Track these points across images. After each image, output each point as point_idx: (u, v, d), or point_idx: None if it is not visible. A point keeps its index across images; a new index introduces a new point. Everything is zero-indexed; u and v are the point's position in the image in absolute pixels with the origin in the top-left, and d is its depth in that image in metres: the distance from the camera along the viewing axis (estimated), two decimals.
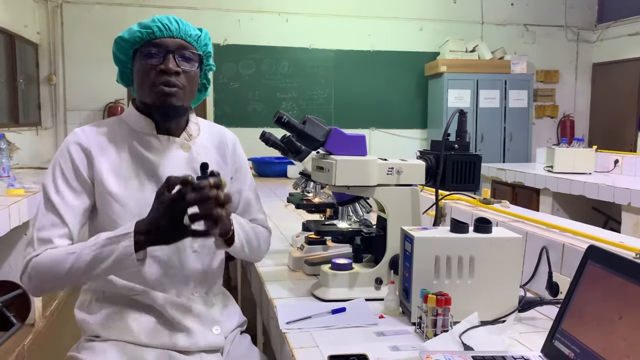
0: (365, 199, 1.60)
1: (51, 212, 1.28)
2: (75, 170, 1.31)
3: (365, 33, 6.94)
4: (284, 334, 1.24)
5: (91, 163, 1.31)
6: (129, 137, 1.36)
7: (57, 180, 1.30)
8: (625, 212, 3.67)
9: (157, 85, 1.29)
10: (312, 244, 1.75)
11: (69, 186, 1.30)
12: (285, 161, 4.23)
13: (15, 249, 3.14)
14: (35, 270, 1.24)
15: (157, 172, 1.35)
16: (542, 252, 1.52)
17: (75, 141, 1.33)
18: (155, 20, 1.31)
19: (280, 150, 1.83)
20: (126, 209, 1.31)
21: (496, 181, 5.16)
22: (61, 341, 3.00)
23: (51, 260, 1.23)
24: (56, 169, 1.31)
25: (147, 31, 1.30)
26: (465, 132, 1.57)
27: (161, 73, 1.29)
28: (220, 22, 6.44)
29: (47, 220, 1.27)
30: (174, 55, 1.31)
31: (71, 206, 1.29)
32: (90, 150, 1.32)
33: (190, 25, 1.35)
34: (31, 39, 5.92)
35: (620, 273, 0.97)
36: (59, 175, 1.30)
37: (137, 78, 1.34)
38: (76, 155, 1.31)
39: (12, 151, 4.28)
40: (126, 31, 1.32)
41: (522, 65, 6.86)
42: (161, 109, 1.33)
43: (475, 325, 1.22)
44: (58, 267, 1.21)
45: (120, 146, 1.35)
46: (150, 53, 1.30)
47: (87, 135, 1.35)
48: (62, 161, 1.31)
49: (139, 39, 1.31)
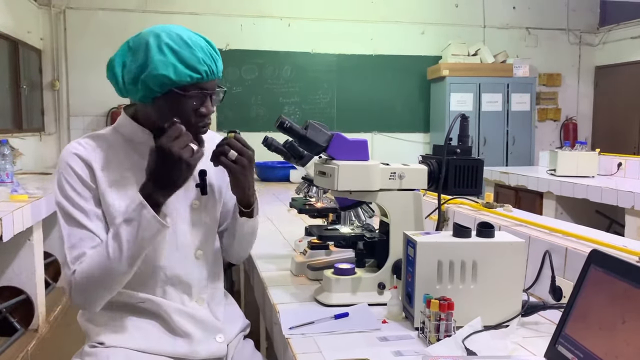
0: (367, 204, 1.60)
1: (76, 227, 1.27)
2: (82, 181, 1.29)
3: (368, 37, 6.94)
4: (287, 339, 1.24)
5: (93, 174, 1.30)
6: (127, 148, 1.35)
7: (70, 195, 1.28)
8: (629, 216, 3.66)
9: (194, 126, 1.31)
10: (314, 248, 1.75)
11: (82, 197, 1.28)
12: (287, 166, 4.24)
13: (19, 254, 3.15)
14: (79, 284, 1.24)
15: None
16: (545, 256, 1.52)
17: (75, 153, 1.31)
18: (202, 62, 1.27)
19: (283, 155, 1.84)
20: None
21: (499, 185, 5.15)
22: (65, 347, 3.00)
23: (90, 266, 1.23)
24: (64, 184, 1.29)
25: (197, 76, 1.27)
26: (467, 136, 1.57)
27: (200, 115, 1.31)
28: (223, 27, 6.45)
29: (75, 236, 1.26)
30: (211, 97, 1.32)
31: (92, 215, 1.28)
32: (91, 163, 1.30)
33: (219, 56, 1.34)
34: (34, 44, 5.94)
35: (623, 277, 0.97)
36: (69, 189, 1.29)
37: (169, 111, 1.28)
38: (77, 166, 1.30)
39: (16, 157, 4.30)
40: (169, 68, 1.25)
41: (524, 68, 6.85)
42: None
43: (479, 330, 1.22)
44: (99, 267, 1.23)
45: (120, 158, 1.34)
46: (193, 96, 1.29)
47: (84, 148, 1.32)
48: (66, 176, 1.29)
49: (185, 82, 1.26)
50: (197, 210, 1.41)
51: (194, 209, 1.41)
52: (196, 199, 1.41)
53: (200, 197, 1.41)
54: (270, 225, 2.54)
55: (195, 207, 1.41)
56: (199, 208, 1.42)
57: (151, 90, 1.27)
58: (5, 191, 3.18)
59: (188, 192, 1.39)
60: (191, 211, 1.40)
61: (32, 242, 3.15)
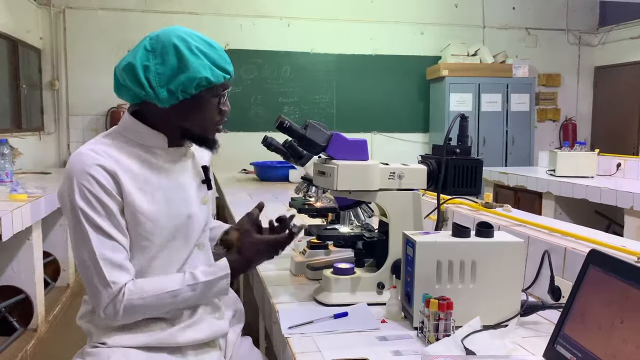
0: (367, 204, 1.60)
1: (105, 237, 1.24)
2: (107, 191, 1.25)
3: (367, 37, 6.95)
4: (286, 339, 1.24)
5: (119, 184, 1.26)
6: (141, 152, 1.33)
7: (94, 206, 1.24)
8: (628, 216, 3.67)
9: (218, 124, 1.38)
10: (314, 248, 1.75)
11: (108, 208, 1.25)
12: (287, 165, 4.23)
13: (18, 254, 3.15)
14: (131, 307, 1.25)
15: (177, 181, 1.36)
16: (544, 256, 1.52)
17: (96, 163, 1.25)
18: (228, 62, 1.33)
19: (282, 154, 1.84)
20: (157, 225, 1.30)
21: (498, 185, 5.16)
22: (64, 347, 3.01)
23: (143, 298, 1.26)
24: (87, 195, 1.24)
25: (227, 77, 1.33)
26: (466, 136, 1.57)
27: (222, 113, 1.37)
28: (222, 27, 6.45)
29: (106, 247, 1.24)
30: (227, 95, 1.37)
31: (119, 226, 1.26)
32: (115, 172, 1.26)
33: None
34: (34, 44, 5.94)
35: (621, 277, 0.97)
36: (93, 200, 1.24)
37: (196, 111, 1.32)
38: (101, 177, 1.25)
39: (15, 156, 4.30)
40: (208, 71, 1.27)
41: (524, 68, 6.85)
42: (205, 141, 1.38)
43: (478, 329, 1.22)
44: (154, 306, 1.27)
45: (138, 163, 1.32)
46: (220, 94, 1.34)
47: (103, 156, 1.28)
48: (88, 185, 1.24)
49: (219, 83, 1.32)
50: (206, 205, 1.45)
51: (203, 204, 1.43)
52: (205, 195, 1.44)
53: (206, 192, 1.45)
54: None
55: (204, 203, 1.44)
56: (206, 203, 1.45)
57: (185, 92, 1.28)
58: (5, 191, 3.18)
59: (200, 190, 1.42)
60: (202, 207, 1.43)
61: (32, 241, 3.15)
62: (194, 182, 1.41)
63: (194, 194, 1.39)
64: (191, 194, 1.38)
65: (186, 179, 1.39)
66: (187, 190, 1.38)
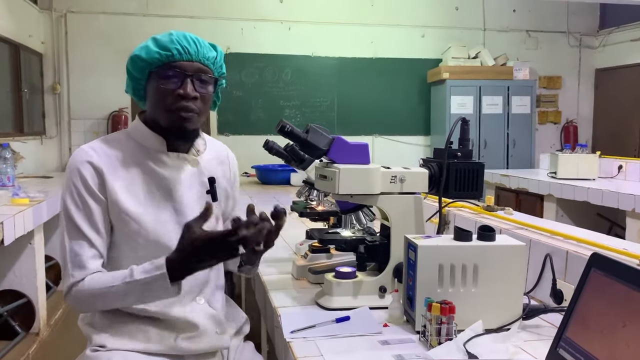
0: (368, 207, 1.60)
1: (77, 235, 1.28)
2: (89, 189, 1.29)
3: (368, 40, 6.96)
4: (288, 343, 1.24)
5: (103, 182, 1.29)
6: (139, 154, 1.35)
7: (76, 201, 1.29)
8: (630, 218, 3.66)
9: (174, 110, 1.29)
10: (315, 252, 1.75)
11: (87, 206, 1.28)
12: (288, 169, 4.24)
13: (20, 258, 3.15)
14: (77, 299, 1.28)
15: (170, 188, 1.35)
16: (546, 260, 1.52)
17: (86, 160, 1.30)
18: (174, 41, 1.28)
19: (284, 158, 1.84)
20: (142, 227, 1.31)
21: (500, 188, 5.15)
22: (66, 350, 3.00)
23: (91, 292, 1.26)
24: (72, 190, 1.29)
25: (167, 54, 1.27)
26: (467, 139, 1.57)
27: (179, 97, 1.28)
28: (223, 31, 6.46)
29: (76, 244, 1.28)
30: (192, 80, 1.29)
31: (95, 225, 1.29)
32: (102, 169, 1.30)
33: (207, 46, 1.34)
34: (36, 48, 5.95)
35: (624, 280, 0.97)
36: (76, 196, 1.29)
37: (152, 98, 1.33)
38: (87, 174, 1.29)
39: (17, 160, 4.30)
40: (142, 49, 1.29)
41: (524, 71, 6.86)
42: (177, 133, 1.34)
43: (480, 333, 1.22)
44: (97, 298, 1.27)
45: (132, 163, 1.34)
46: (168, 76, 1.29)
47: (97, 153, 1.32)
48: (75, 181, 1.29)
49: (157, 61, 1.28)
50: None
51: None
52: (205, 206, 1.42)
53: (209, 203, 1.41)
54: None
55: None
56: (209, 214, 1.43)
57: (132, 75, 1.33)
58: (7, 195, 3.18)
59: (201, 199, 1.38)
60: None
61: (33, 245, 3.15)
62: (193, 191, 1.38)
63: (188, 203, 1.36)
64: (185, 202, 1.36)
65: (182, 187, 1.36)
66: (180, 199, 1.36)
